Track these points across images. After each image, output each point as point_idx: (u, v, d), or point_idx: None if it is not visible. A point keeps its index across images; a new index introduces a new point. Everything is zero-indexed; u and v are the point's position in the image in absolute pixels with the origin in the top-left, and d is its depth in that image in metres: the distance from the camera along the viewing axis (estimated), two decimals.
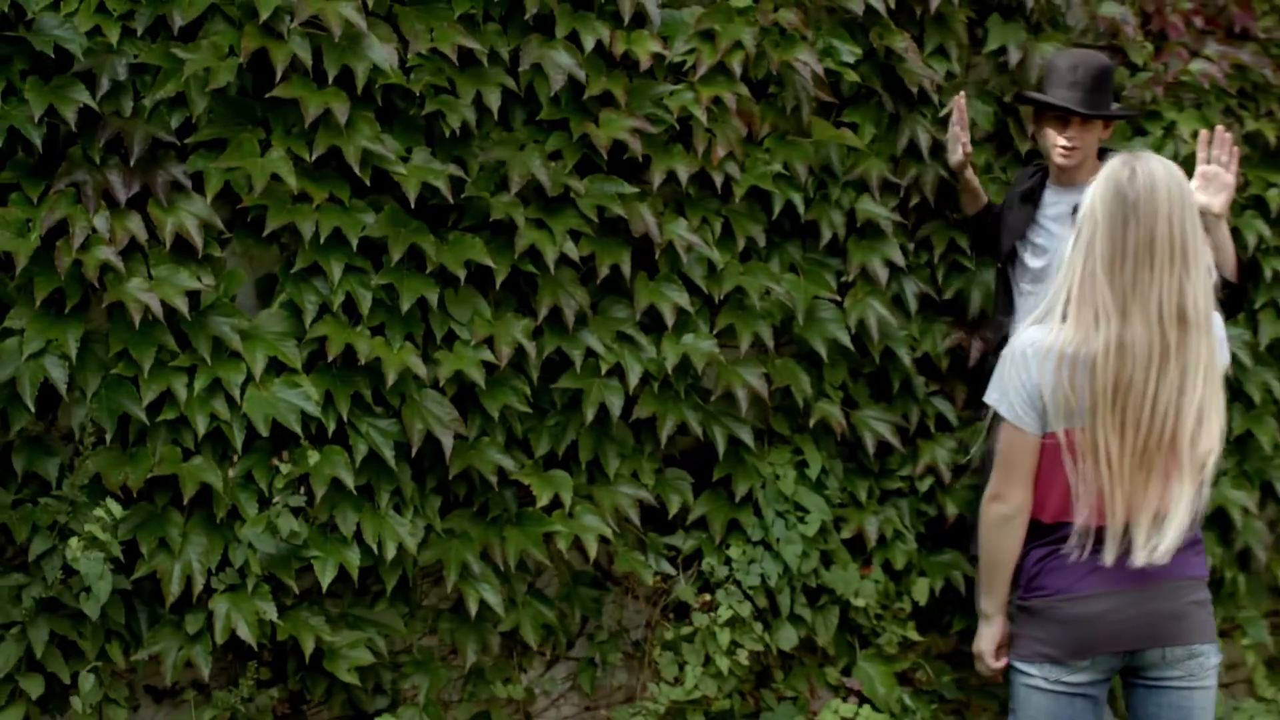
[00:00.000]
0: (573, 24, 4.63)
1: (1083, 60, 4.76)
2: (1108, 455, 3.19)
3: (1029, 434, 3.32)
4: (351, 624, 4.55)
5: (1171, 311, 3.17)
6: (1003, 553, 3.44)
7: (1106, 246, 3.19)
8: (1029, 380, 3.28)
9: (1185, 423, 3.19)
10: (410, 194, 4.39)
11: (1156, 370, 3.17)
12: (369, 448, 4.41)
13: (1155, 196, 3.18)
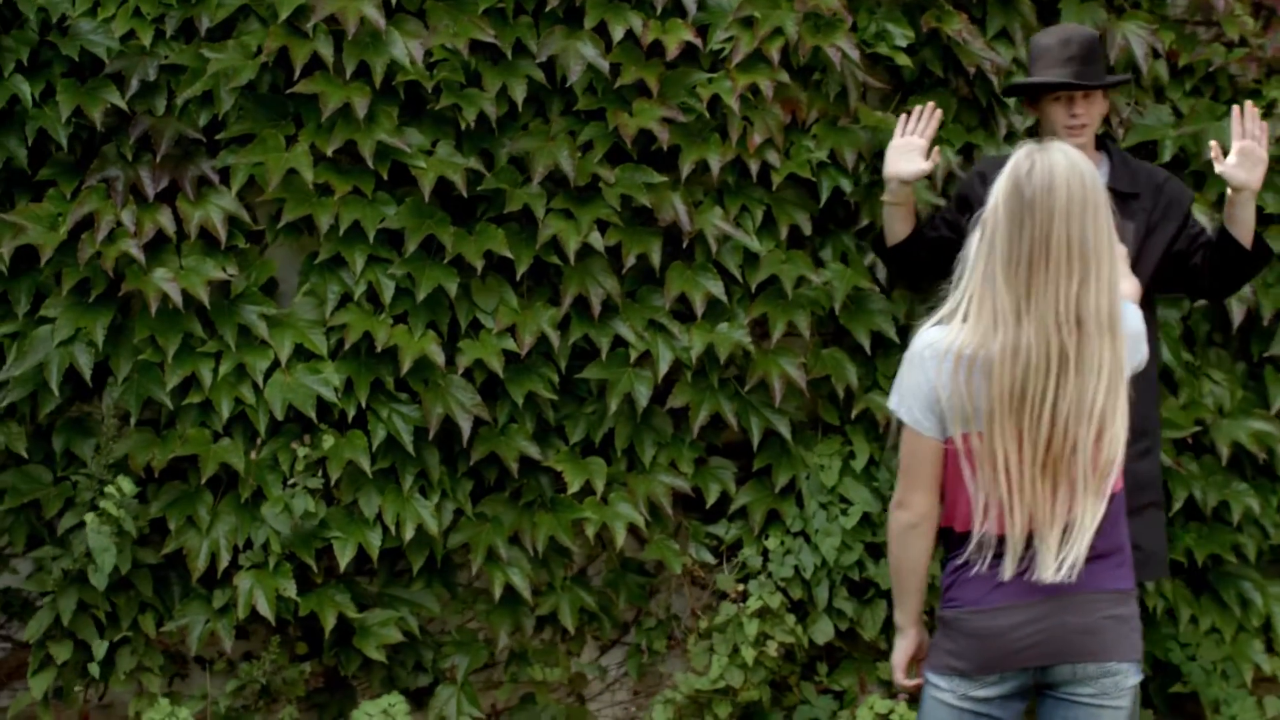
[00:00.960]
0: (602, 14, 4.65)
1: (1072, 34, 4.53)
2: (1006, 463, 3.03)
3: (928, 438, 3.16)
4: (385, 603, 4.70)
5: (1069, 315, 2.99)
6: (909, 562, 3.30)
7: (1004, 246, 3.03)
8: (926, 383, 3.12)
9: (1086, 431, 3.02)
10: (425, 187, 4.50)
11: (1055, 376, 3.00)
12: (388, 432, 4.54)
13: (1052, 194, 3.00)
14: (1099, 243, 3.00)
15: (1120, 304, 3.06)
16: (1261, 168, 4.37)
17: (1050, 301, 2.98)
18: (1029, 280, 2.99)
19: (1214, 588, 5.17)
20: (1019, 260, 2.99)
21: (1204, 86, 5.18)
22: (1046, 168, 3.01)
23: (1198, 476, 5.07)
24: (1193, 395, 5.11)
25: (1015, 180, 3.02)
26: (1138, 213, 4.53)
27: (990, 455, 3.03)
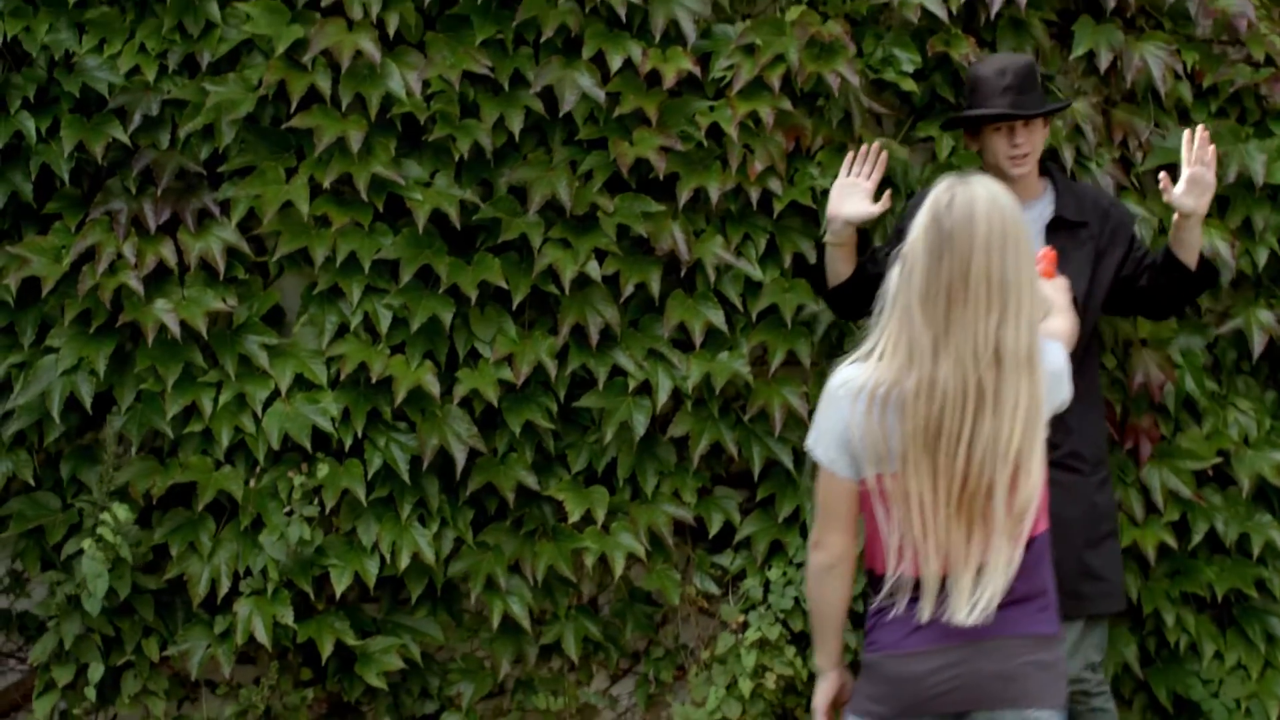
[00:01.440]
0: (600, 44, 4.65)
1: (1007, 64, 4.46)
2: (920, 503, 2.96)
3: (843, 479, 3.09)
4: (388, 630, 4.74)
5: (987, 351, 2.92)
6: (826, 603, 3.23)
7: (922, 280, 2.97)
8: (840, 422, 3.06)
9: (1002, 471, 2.95)
10: (419, 218, 4.54)
11: (971, 414, 2.93)
12: (385, 461, 4.59)
13: (972, 227, 2.94)
14: (1019, 277, 2.94)
15: (1039, 341, 2.99)
16: (1209, 194, 4.36)
17: (968, 336, 2.92)
18: (947, 314, 2.93)
19: (1239, 623, 5.04)
20: (937, 294, 2.93)
21: (1230, 108, 5.05)
22: (967, 200, 2.96)
23: (1220, 508, 4.95)
24: (1216, 425, 4.98)
25: (935, 213, 2.97)
26: (1086, 240, 4.49)
27: (904, 494, 2.96)
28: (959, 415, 2.92)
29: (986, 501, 2.95)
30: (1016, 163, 4.44)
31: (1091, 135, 4.88)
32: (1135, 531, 4.90)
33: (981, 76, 4.47)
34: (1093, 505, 4.56)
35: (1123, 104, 5.00)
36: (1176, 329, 4.99)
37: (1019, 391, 2.93)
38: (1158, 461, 4.93)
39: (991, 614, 2.97)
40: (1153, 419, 4.95)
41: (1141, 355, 4.91)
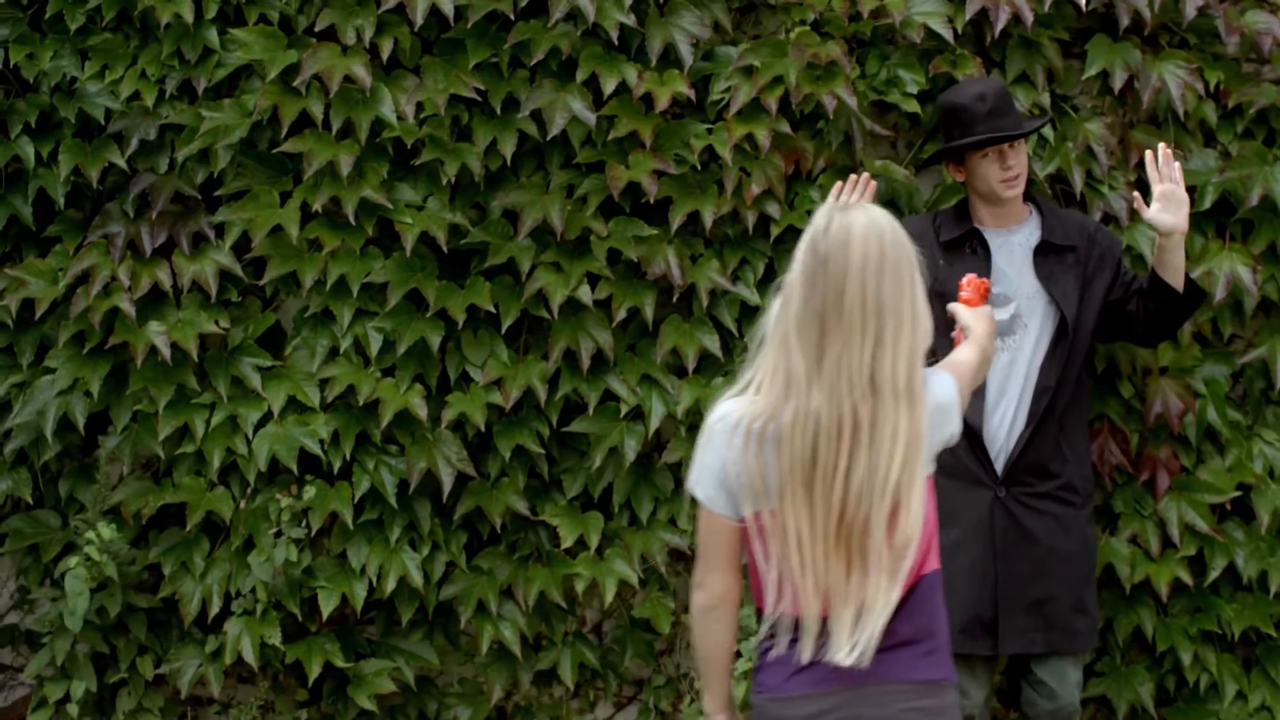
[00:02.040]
0: (594, 67, 4.62)
1: (984, 89, 4.34)
2: (798, 539, 2.84)
3: (721, 516, 2.97)
4: (383, 653, 4.74)
5: (863, 381, 2.81)
6: (709, 647, 3.10)
7: (797, 308, 2.86)
8: (718, 459, 2.94)
9: (880, 506, 2.82)
10: (407, 242, 4.55)
11: (848, 446, 2.81)
12: (373, 483, 4.60)
13: (847, 252, 2.82)
14: (898, 304, 2.83)
15: (920, 371, 2.87)
16: (1185, 208, 4.26)
17: (842, 366, 2.81)
18: (820, 342, 2.82)
19: (1261, 662, 4.85)
20: (811, 322, 2.83)
21: (1256, 129, 4.86)
22: (843, 226, 2.85)
23: (1241, 543, 4.76)
24: (1240, 457, 4.80)
25: (812, 239, 2.87)
26: (1073, 265, 4.37)
27: (782, 530, 2.85)
28: (834, 448, 2.81)
29: (864, 537, 2.83)
30: (1010, 184, 4.34)
31: (1104, 157, 4.74)
32: (1150, 566, 4.73)
33: (959, 105, 4.35)
34: (1085, 539, 4.44)
35: (1142, 125, 4.85)
36: (1201, 357, 4.82)
37: (897, 424, 2.82)
38: (1176, 494, 4.76)
39: (870, 655, 2.85)
40: (1171, 450, 4.78)
41: (1160, 384, 4.75)
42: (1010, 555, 4.30)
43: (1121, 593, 4.76)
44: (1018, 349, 4.33)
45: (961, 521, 4.31)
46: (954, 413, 3.01)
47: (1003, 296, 4.35)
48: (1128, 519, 4.78)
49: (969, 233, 4.39)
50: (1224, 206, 4.82)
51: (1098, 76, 4.79)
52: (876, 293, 2.81)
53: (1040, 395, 4.31)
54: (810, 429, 2.82)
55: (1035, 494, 4.32)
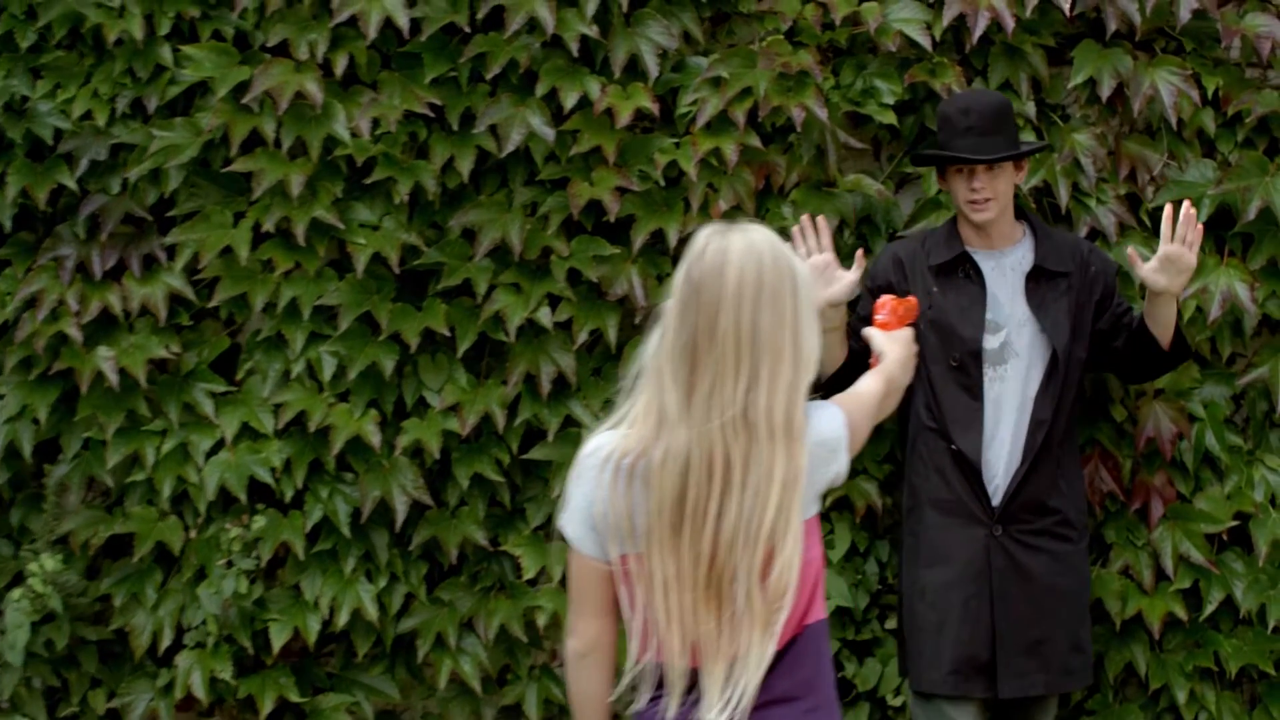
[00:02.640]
0: (555, 81, 4.45)
1: (973, 103, 4.12)
2: (664, 587, 2.64)
3: (591, 558, 2.74)
4: (341, 687, 4.60)
5: (736, 419, 2.61)
6: (582, 697, 2.86)
7: (671, 338, 2.66)
8: (586, 496, 2.72)
9: (753, 554, 2.61)
10: (358, 264, 4.40)
11: (719, 489, 2.60)
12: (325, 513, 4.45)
13: (722, 278, 2.61)
14: (776, 336, 2.62)
15: (802, 408, 2.66)
16: (1187, 274, 4.01)
17: (714, 401, 2.61)
18: (691, 376, 2.63)
19: (1264, 700, 4.59)
20: (683, 353, 2.63)
21: (1257, 138, 4.61)
22: (719, 249, 2.65)
23: (1241, 575, 4.51)
24: (1239, 484, 4.55)
25: (688, 263, 2.68)
26: (1066, 291, 4.16)
27: (648, 575, 2.65)
28: (705, 490, 2.61)
29: (736, 586, 2.62)
30: (976, 208, 4.12)
31: (1092, 169, 4.50)
32: (1143, 600, 4.50)
33: (946, 115, 4.17)
34: (1082, 575, 4.23)
35: (1135, 135, 4.61)
36: (1199, 378, 4.58)
37: (773, 465, 2.61)
38: (1170, 523, 4.52)
39: (744, 714, 2.64)
40: (1166, 477, 4.54)
41: (1153, 407, 4.51)
42: (1007, 595, 4.09)
43: (1113, 627, 4.53)
44: (1008, 379, 4.12)
45: (955, 560, 4.12)
46: (840, 450, 2.79)
47: (993, 324, 4.14)
48: (1119, 550, 4.54)
49: (960, 256, 4.19)
50: (1222, 219, 4.57)
51: (1085, 84, 4.56)
52: (752, 323, 2.61)
53: (1036, 429, 4.10)
54: (679, 469, 2.62)
55: (1032, 531, 4.12)
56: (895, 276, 4.18)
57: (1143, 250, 4.41)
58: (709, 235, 2.69)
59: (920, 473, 4.22)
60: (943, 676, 4.09)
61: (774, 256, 2.66)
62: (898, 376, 3.17)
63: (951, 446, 4.11)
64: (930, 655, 4.11)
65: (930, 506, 4.19)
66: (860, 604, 4.51)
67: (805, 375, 2.67)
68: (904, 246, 4.29)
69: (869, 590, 4.55)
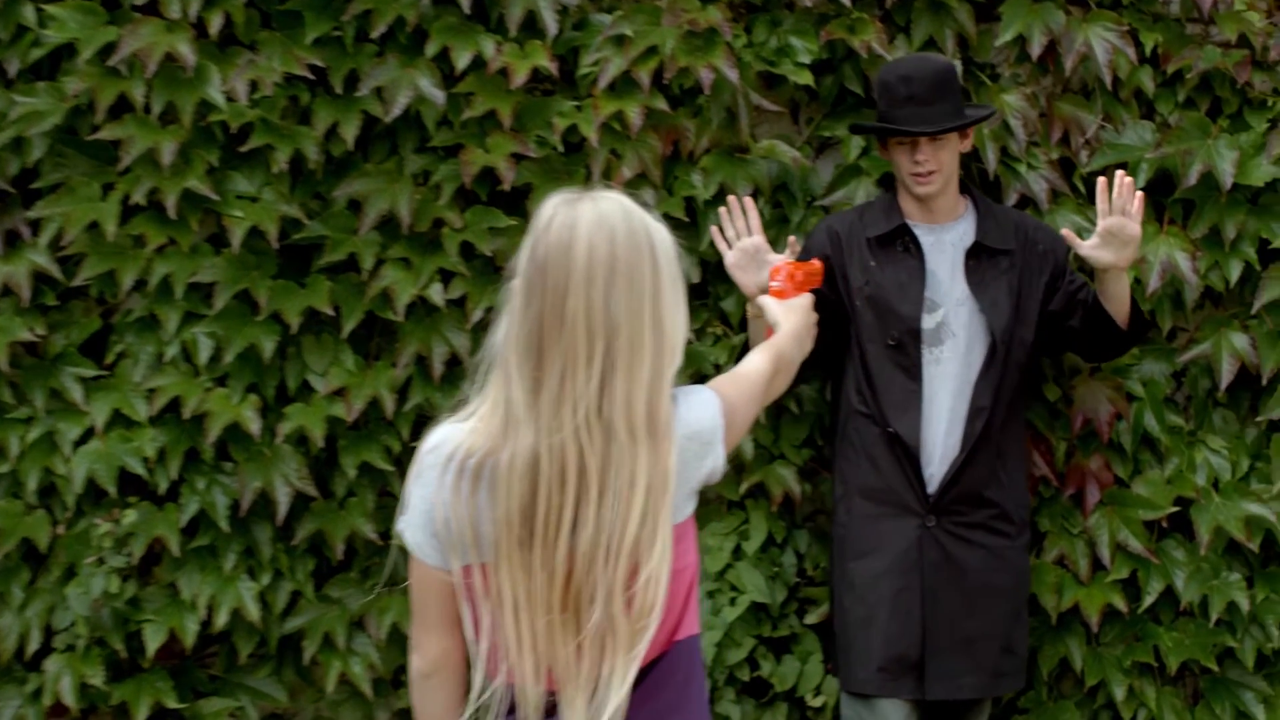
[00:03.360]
0: (446, 40, 4.14)
1: (914, 69, 3.83)
2: (514, 606, 2.34)
3: (433, 568, 2.43)
4: (225, 691, 4.30)
5: (590, 416, 2.31)
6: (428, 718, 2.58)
7: (517, 323, 2.37)
8: (426, 498, 2.41)
9: (614, 567, 2.32)
10: (234, 238, 4.08)
11: (573, 497, 2.30)
12: (202, 505, 4.15)
13: (570, 255, 2.31)
14: (634, 320, 2.32)
15: (666, 399, 2.35)
16: (1133, 246, 3.78)
17: (565, 396, 2.31)
18: (538, 367, 2.32)
19: (1207, 697, 4.33)
20: (529, 341, 2.33)
21: (1199, 97, 4.33)
22: (567, 222, 2.34)
23: (1182, 564, 4.24)
24: (1180, 467, 4.27)
25: (532, 238, 2.38)
26: (1008, 270, 3.89)
27: (496, 592, 2.35)
28: (558, 498, 2.31)
29: (594, 606, 2.33)
30: (920, 180, 3.85)
31: (1022, 132, 4.21)
32: (1079, 591, 4.22)
33: (885, 83, 3.88)
34: (1019, 572, 3.96)
35: (1069, 95, 4.32)
36: (1138, 355, 4.30)
37: (635, 468, 2.31)
38: (1107, 509, 4.24)
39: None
40: (1103, 460, 4.26)
41: (1089, 386, 4.24)
42: (939, 591, 3.82)
43: (1048, 620, 4.26)
44: (944, 361, 3.85)
45: (886, 551, 3.87)
46: (715, 443, 2.48)
47: (931, 302, 3.86)
48: (1054, 538, 4.27)
49: (899, 229, 3.90)
50: (1161, 185, 4.29)
51: (1015, 42, 4.27)
52: (605, 306, 2.31)
53: (975, 416, 3.83)
54: (528, 475, 2.32)
55: (967, 524, 3.85)
56: (831, 251, 3.90)
57: (1083, 224, 4.15)
58: (556, 206, 2.39)
59: (850, 459, 3.94)
60: (870, 675, 3.83)
61: (629, 228, 2.36)
62: (790, 351, 2.88)
63: (888, 430, 3.84)
64: (859, 652, 3.86)
65: (860, 495, 3.91)
66: (777, 598, 4.23)
67: (670, 363, 2.37)
68: (840, 220, 4.01)
69: (786, 583, 4.26)
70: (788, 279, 3.15)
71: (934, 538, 3.83)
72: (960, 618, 3.84)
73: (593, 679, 2.35)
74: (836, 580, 3.96)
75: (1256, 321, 4.25)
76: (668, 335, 2.37)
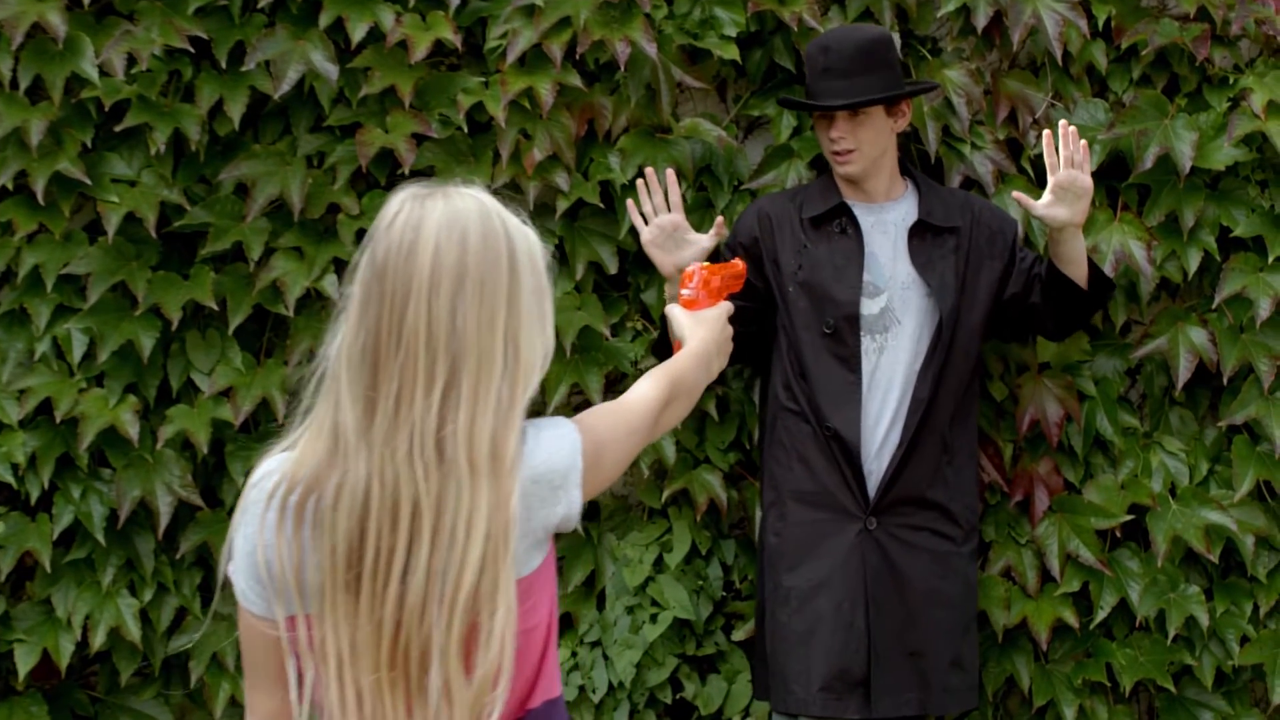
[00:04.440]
0: (341, 9, 3.81)
1: (835, 40, 3.53)
2: (339, 663, 2.01)
3: (257, 618, 2.10)
4: (106, 715, 3.98)
5: (426, 445, 1.98)
6: None
7: (352, 334, 2.04)
8: (249, 538, 2.08)
9: (449, 623, 1.98)
10: (109, 225, 3.75)
11: (405, 539, 1.98)
12: (77, 515, 3.82)
13: (413, 260, 1.99)
14: (485, 336, 2.01)
15: (515, 431, 2.03)
16: (1085, 199, 3.53)
17: (401, 421, 1.99)
18: (372, 386, 2.00)
19: (1161, 717, 4.04)
20: (363, 356, 2.01)
21: (1155, 74, 4.03)
22: (412, 222, 2.02)
23: (1137, 575, 3.95)
24: (1135, 471, 3.98)
25: (373, 238, 2.05)
26: (953, 250, 3.59)
27: (320, 646, 2.02)
28: (389, 539, 1.98)
29: (426, 666, 2.00)
30: (839, 159, 3.56)
31: (965, 110, 3.91)
32: (1027, 605, 3.93)
33: (808, 54, 3.59)
34: (966, 581, 3.64)
35: (1015, 71, 4.02)
36: (1090, 351, 4.01)
37: (474, 509, 1.98)
38: (1057, 517, 3.95)
39: None
40: (1052, 464, 3.97)
41: (1037, 385, 3.94)
42: (882, 600, 3.50)
43: (994, 636, 3.97)
44: (888, 350, 3.54)
45: (825, 558, 3.54)
46: (569, 487, 2.12)
47: (872, 286, 3.55)
48: (1000, 548, 3.98)
49: (837, 208, 3.59)
50: (1115, 168, 4.00)
51: (958, 13, 3.97)
52: (450, 319, 1.99)
53: (916, 408, 3.52)
54: (356, 510, 1.99)
55: (910, 525, 3.54)
56: (760, 234, 3.61)
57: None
58: (402, 201, 2.06)
59: (781, 462, 3.63)
60: (811, 695, 3.49)
61: (485, 229, 2.03)
62: (690, 375, 2.52)
63: (825, 426, 3.52)
64: (796, 671, 3.52)
65: (794, 500, 3.59)
66: (702, 614, 3.92)
67: (523, 388, 2.05)
68: (773, 202, 3.69)
69: (712, 598, 3.95)
70: (701, 285, 2.81)
71: (875, 541, 3.52)
72: (905, 629, 3.53)
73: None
74: (769, 593, 3.64)
75: (1216, 315, 3.96)
76: (523, 356, 2.04)
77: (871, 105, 3.53)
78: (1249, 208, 3.96)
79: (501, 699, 2.00)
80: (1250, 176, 3.99)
